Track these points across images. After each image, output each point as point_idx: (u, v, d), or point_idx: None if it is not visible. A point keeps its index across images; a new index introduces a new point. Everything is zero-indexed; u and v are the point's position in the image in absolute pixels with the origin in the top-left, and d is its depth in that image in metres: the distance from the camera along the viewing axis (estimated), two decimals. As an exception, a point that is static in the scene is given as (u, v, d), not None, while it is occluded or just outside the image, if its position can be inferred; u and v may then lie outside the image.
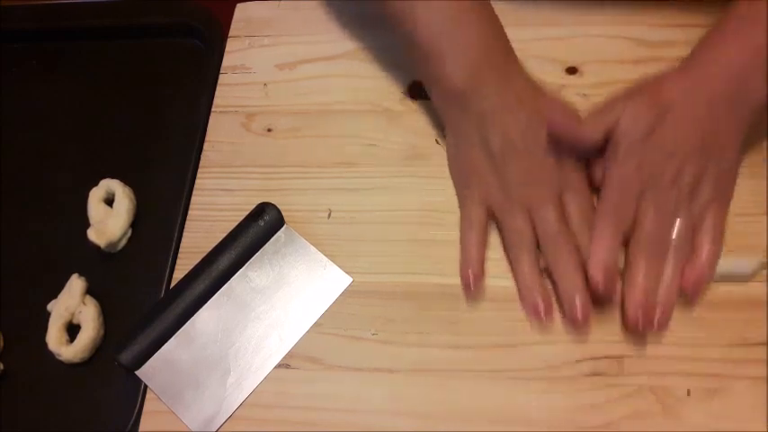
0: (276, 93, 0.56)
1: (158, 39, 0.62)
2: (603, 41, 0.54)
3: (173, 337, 0.47)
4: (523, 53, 0.51)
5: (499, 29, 0.48)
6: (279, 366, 0.46)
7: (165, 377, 0.46)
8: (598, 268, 0.43)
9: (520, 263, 0.46)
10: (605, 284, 0.43)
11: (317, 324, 0.47)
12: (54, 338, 0.48)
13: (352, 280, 0.48)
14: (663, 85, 0.45)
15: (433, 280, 0.47)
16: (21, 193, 0.56)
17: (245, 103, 0.56)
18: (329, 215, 0.50)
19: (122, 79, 0.61)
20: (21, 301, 0.51)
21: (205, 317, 0.47)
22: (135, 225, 0.53)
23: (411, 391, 0.44)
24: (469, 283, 0.46)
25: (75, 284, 0.50)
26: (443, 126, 0.51)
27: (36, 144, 0.59)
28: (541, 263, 0.46)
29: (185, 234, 0.51)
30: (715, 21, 0.50)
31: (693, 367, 0.43)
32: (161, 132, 0.57)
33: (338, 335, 0.46)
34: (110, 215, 0.52)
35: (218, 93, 0.57)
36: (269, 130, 0.55)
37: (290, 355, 0.46)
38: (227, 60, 0.58)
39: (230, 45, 0.59)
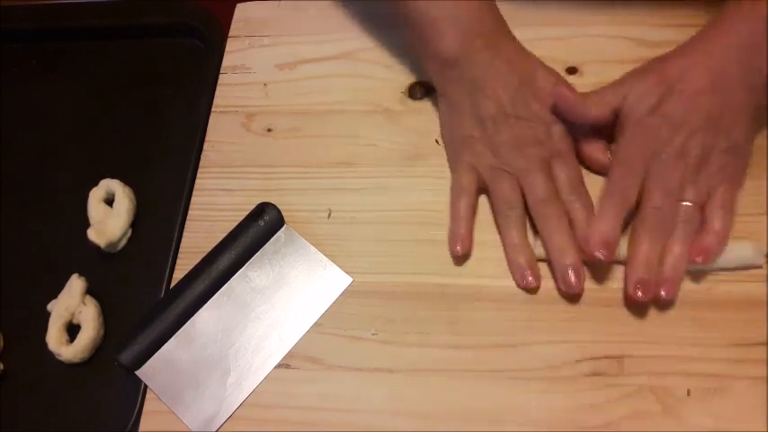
0: (276, 93, 0.56)
1: (158, 39, 0.62)
2: (603, 41, 0.54)
3: (173, 337, 0.47)
4: (523, 53, 0.51)
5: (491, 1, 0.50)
6: (279, 366, 0.46)
7: (165, 377, 0.46)
8: (599, 240, 0.43)
9: (508, 228, 0.47)
10: (606, 256, 0.43)
11: (317, 324, 0.47)
12: (54, 338, 0.48)
13: (352, 280, 0.48)
14: (668, 63, 0.46)
15: (433, 280, 0.47)
16: (21, 193, 0.57)
17: (245, 103, 0.56)
18: (329, 215, 0.50)
19: (122, 79, 0.61)
20: (21, 301, 0.51)
21: (205, 317, 0.47)
22: (135, 225, 0.53)
23: (411, 391, 0.44)
24: (457, 250, 0.47)
25: (75, 284, 0.50)
26: (437, 95, 0.51)
27: (36, 144, 0.59)
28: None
29: (185, 234, 0.51)
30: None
31: (693, 367, 0.43)
32: (161, 132, 0.57)
33: (338, 335, 0.46)
34: (110, 215, 0.52)
35: (218, 93, 0.57)
36: (269, 130, 0.55)
37: (290, 355, 0.46)
38: (227, 60, 0.58)
39: (230, 45, 0.59)
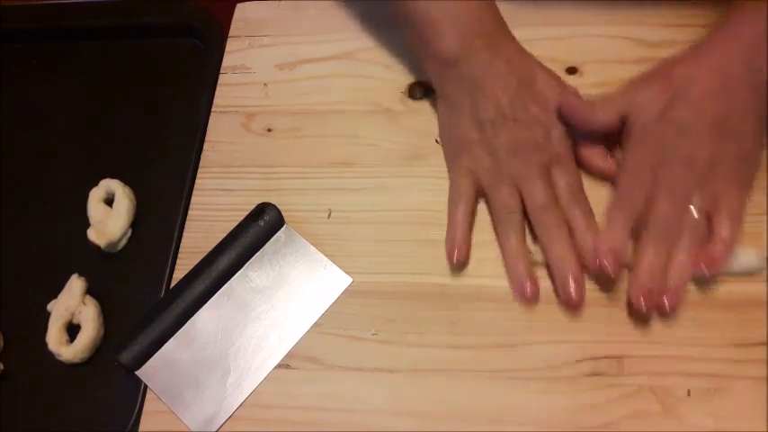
0: (276, 93, 0.56)
1: (158, 39, 0.62)
2: (603, 41, 0.54)
3: (173, 337, 0.47)
4: (523, 53, 0.51)
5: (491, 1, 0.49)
6: (279, 366, 0.46)
7: (165, 377, 0.46)
8: (607, 252, 0.43)
9: (507, 237, 0.46)
10: (613, 269, 0.43)
11: (317, 324, 0.47)
12: (54, 338, 0.48)
13: (352, 280, 0.48)
14: (674, 68, 0.45)
15: (433, 280, 0.47)
16: (21, 193, 0.56)
17: (245, 103, 0.56)
18: (329, 215, 0.50)
19: (122, 79, 0.61)
20: (21, 301, 0.51)
21: (205, 317, 0.47)
22: (135, 225, 0.53)
23: (411, 391, 0.44)
24: (453, 257, 0.46)
25: (75, 284, 0.50)
26: (436, 95, 0.51)
27: (36, 144, 0.59)
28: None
29: (185, 234, 0.51)
30: (714, 20, 0.50)
31: (693, 367, 0.43)
32: (161, 132, 0.57)
33: (338, 335, 0.46)
34: (110, 215, 0.52)
35: (218, 93, 0.57)
36: (269, 130, 0.54)
37: (290, 355, 0.46)
38: (227, 60, 0.58)
39: (230, 45, 0.59)
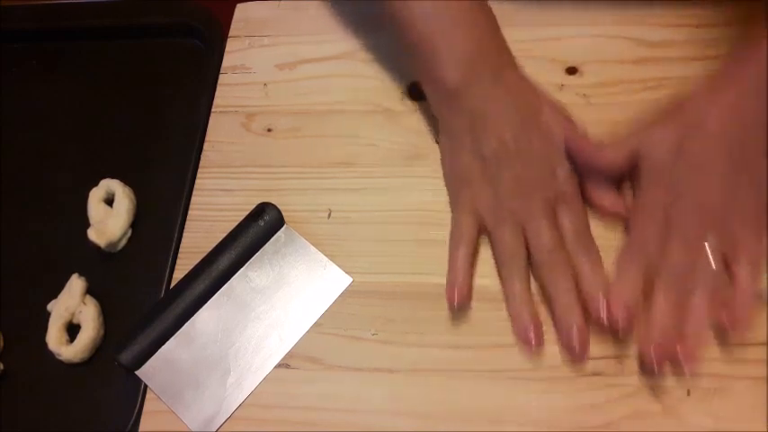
0: (276, 93, 0.56)
1: (158, 39, 0.62)
2: (603, 41, 0.54)
3: (173, 337, 0.47)
4: (523, 53, 0.50)
5: (494, 27, 0.48)
6: (279, 366, 0.46)
7: (165, 377, 0.46)
8: (618, 305, 0.41)
9: (511, 282, 0.44)
10: (624, 325, 0.41)
11: (317, 324, 0.47)
12: (54, 338, 0.48)
13: (352, 280, 0.48)
14: (687, 105, 0.43)
15: (432, 280, 0.47)
16: (21, 193, 0.56)
17: (245, 103, 0.56)
18: (329, 215, 0.50)
19: (122, 79, 0.61)
20: (21, 301, 0.51)
21: (205, 317, 0.47)
22: (135, 225, 0.53)
23: (411, 391, 0.44)
24: (453, 301, 0.44)
25: (75, 284, 0.50)
26: (438, 128, 0.50)
27: (36, 144, 0.59)
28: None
29: (185, 234, 0.51)
30: (714, 20, 0.50)
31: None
32: (161, 132, 0.57)
33: (338, 335, 0.46)
34: (110, 215, 0.52)
35: (218, 93, 0.57)
36: (269, 130, 0.54)
37: (290, 355, 0.46)
38: (227, 60, 0.58)
39: (230, 45, 0.59)
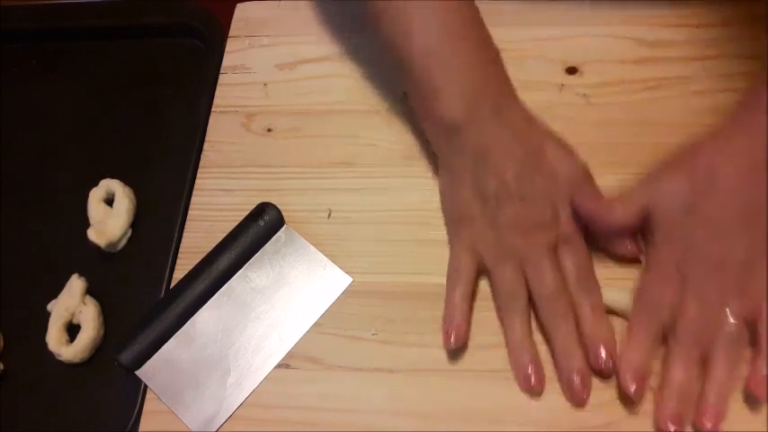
0: (276, 93, 0.56)
1: (158, 39, 0.62)
2: (603, 41, 0.54)
3: (173, 337, 0.47)
4: (523, 53, 0.51)
5: (496, 61, 0.46)
6: (279, 366, 0.46)
7: (165, 377, 0.46)
8: (630, 374, 0.40)
9: (511, 325, 0.43)
10: (636, 393, 0.40)
11: (317, 324, 0.47)
12: (54, 338, 0.48)
13: (352, 280, 0.48)
14: (699, 154, 0.41)
15: (432, 280, 0.47)
16: (21, 193, 0.56)
17: (245, 103, 0.56)
18: (329, 215, 0.50)
19: (122, 79, 0.61)
20: (21, 301, 0.51)
21: (205, 317, 0.47)
22: (135, 225, 0.53)
23: (411, 391, 0.44)
24: (450, 339, 0.43)
25: (75, 284, 0.50)
26: (437, 163, 0.48)
27: (36, 144, 0.59)
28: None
29: (185, 234, 0.51)
30: (714, 20, 0.50)
31: (693, 367, 0.42)
32: (161, 132, 0.57)
33: (338, 335, 0.46)
34: (110, 215, 0.52)
35: (218, 93, 0.57)
36: (269, 130, 0.54)
37: (290, 355, 0.46)
38: (227, 60, 0.58)
39: (230, 45, 0.59)
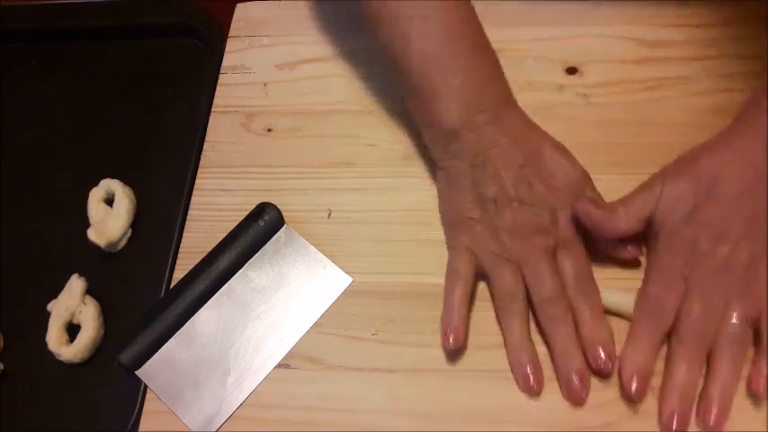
0: (276, 93, 0.56)
1: (158, 39, 0.62)
2: (603, 41, 0.54)
3: (173, 337, 0.47)
4: (523, 53, 0.51)
5: (494, 65, 0.46)
6: (279, 366, 0.46)
7: (165, 377, 0.46)
8: (631, 373, 0.40)
9: (510, 327, 0.43)
10: (637, 393, 0.40)
11: (317, 324, 0.47)
12: (54, 338, 0.48)
13: (352, 280, 0.48)
14: (702, 160, 0.42)
15: (432, 280, 0.47)
16: (21, 193, 0.56)
17: (245, 103, 0.56)
18: (329, 215, 0.50)
19: (122, 79, 0.61)
20: (21, 301, 0.51)
21: (205, 317, 0.47)
22: (135, 225, 0.53)
23: (411, 391, 0.44)
24: (449, 341, 0.43)
25: (75, 284, 0.50)
26: (436, 168, 0.48)
27: (36, 144, 0.59)
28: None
29: (185, 234, 0.51)
30: (714, 20, 0.50)
31: (693, 367, 0.42)
32: (161, 132, 0.57)
33: (338, 335, 0.46)
34: (110, 215, 0.52)
35: (218, 93, 0.57)
36: (269, 130, 0.54)
37: (290, 355, 0.46)
38: (227, 60, 0.58)
39: (230, 45, 0.59)
